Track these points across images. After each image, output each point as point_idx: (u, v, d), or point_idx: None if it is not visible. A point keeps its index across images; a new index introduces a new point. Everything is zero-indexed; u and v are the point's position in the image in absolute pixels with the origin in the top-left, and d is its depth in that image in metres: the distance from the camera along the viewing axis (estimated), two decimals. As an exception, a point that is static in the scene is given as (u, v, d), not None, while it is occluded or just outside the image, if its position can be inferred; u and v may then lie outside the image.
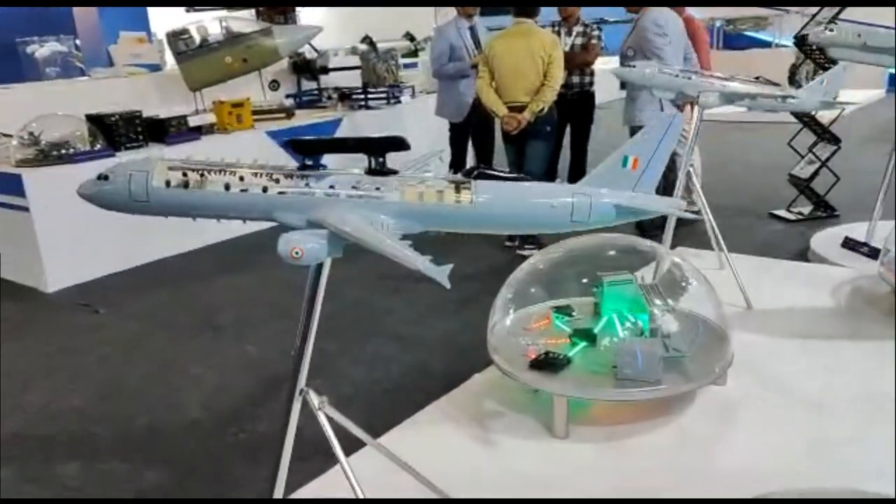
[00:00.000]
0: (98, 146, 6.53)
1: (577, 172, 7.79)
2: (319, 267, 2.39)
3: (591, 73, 7.31)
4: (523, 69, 5.78)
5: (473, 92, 6.89)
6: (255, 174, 2.30)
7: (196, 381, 4.36)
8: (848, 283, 4.71)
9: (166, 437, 3.79)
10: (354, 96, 8.92)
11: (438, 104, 7.40)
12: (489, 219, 2.38)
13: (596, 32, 7.14)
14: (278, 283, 5.89)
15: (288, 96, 9.31)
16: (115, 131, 6.71)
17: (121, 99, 7.46)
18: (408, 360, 4.55)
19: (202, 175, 2.29)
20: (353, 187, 2.31)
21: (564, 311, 3.75)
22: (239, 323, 5.21)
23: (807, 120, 6.94)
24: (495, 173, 2.39)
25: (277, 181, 2.29)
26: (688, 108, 6.16)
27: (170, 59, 9.16)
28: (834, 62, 6.55)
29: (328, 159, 2.37)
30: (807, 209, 7.13)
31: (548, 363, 3.27)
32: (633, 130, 6.12)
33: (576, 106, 7.18)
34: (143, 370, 4.54)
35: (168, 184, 2.28)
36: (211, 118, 7.54)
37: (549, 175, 7.05)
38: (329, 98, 8.76)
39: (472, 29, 7.13)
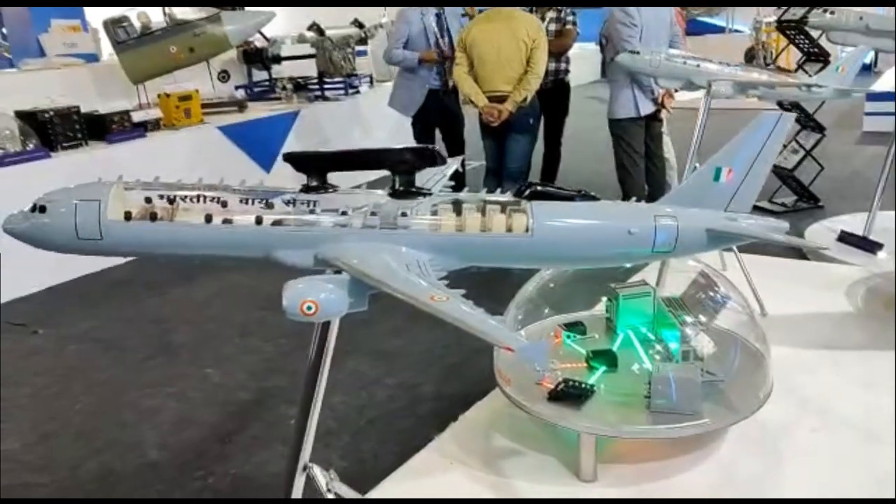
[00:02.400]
0: (31, 146, 5.87)
1: (550, 169, 7.40)
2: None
3: (567, 61, 6.90)
4: (506, 56, 5.31)
5: (427, 85, 6.43)
6: (244, 199, 1.78)
7: (151, 415, 3.82)
8: (861, 283, 4.40)
9: (120, 486, 3.25)
10: (310, 87, 8.37)
11: (391, 94, 6.84)
12: (551, 251, 1.89)
13: (571, 17, 6.73)
14: (237, 293, 5.36)
15: (238, 87, 8.70)
16: (49, 129, 6.06)
17: (55, 93, 6.77)
18: (393, 380, 4.08)
19: (173, 202, 1.78)
20: (373, 213, 1.81)
21: (575, 328, 3.32)
22: (196, 342, 4.67)
23: (789, 107, 6.65)
24: (554, 191, 1.91)
25: (272, 207, 1.79)
26: (667, 99, 5.80)
27: (106, 49, 8.46)
28: (818, 46, 6.30)
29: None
30: (790, 200, 6.88)
31: (568, 394, 2.83)
32: (610, 124, 5.78)
33: (550, 96, 6.76)
34: (89, 403, 3.96)
35: (128, 216, 1.76)
36: (156, 113, 6.91)
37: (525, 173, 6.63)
38: (283, 89, 8.18)
39: (438, 15, 6.58)
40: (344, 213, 1.80)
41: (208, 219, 1.77)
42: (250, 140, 7.23)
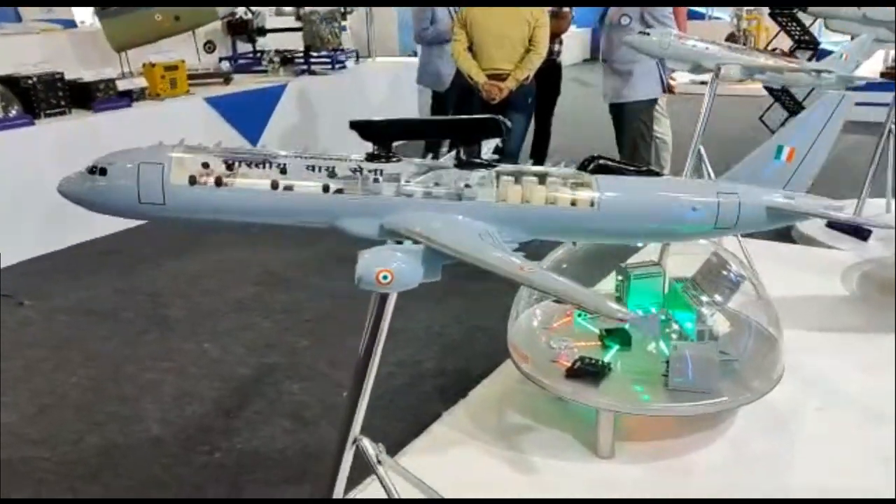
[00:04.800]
0: (13, 112, 5.72)
1: (540, 147, 7.40)
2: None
3: (560, 42, 6.90)
4: (508, 35, 5.27)
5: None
6: (310, 167, 1.76)
7: (151, 389, 3.76)
8: (855, 268, 4.48)
9: (124, 461, 3.20)
10: (297, 60, 8.25)
11: (419, 71, 6.84)
12: (615, 225, 1.91)
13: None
14: (231, 267, 5.29)
15: (222, 59, 8.53)
16: (32, 95, 5.88)
17: (33, 58, 6.57)
18: (395, 357, 4.05)
19: (231, 167, 1.74)
20: (437, 184, 1.79)
21: (586, 306, 3.33)
22: (191, 316, 4.60)
23: (778, 93, 6.73)
24: (619, 165, 1.91)
25: (337, 175, 1.76)
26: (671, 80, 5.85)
27: (80, 15, 8.26)
28: (809, 34, 6.37)
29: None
30: (776, 186, 6.98)
31: (586, 371, 2.85)
32: (618, 108, 5.80)
33: (542, 77, 6.74)
34: (86, 377, 3.89)
35: (193, 180, 1.72)
36: (141, 82, 6.75)
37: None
38: (270, 62, 8.05)
39: None
40: (409, 182, 1.78)
41: (274, 185, 1.74)
42: (237, 112, 7.11)
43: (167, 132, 6.41)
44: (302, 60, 8.28)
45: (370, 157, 1.81)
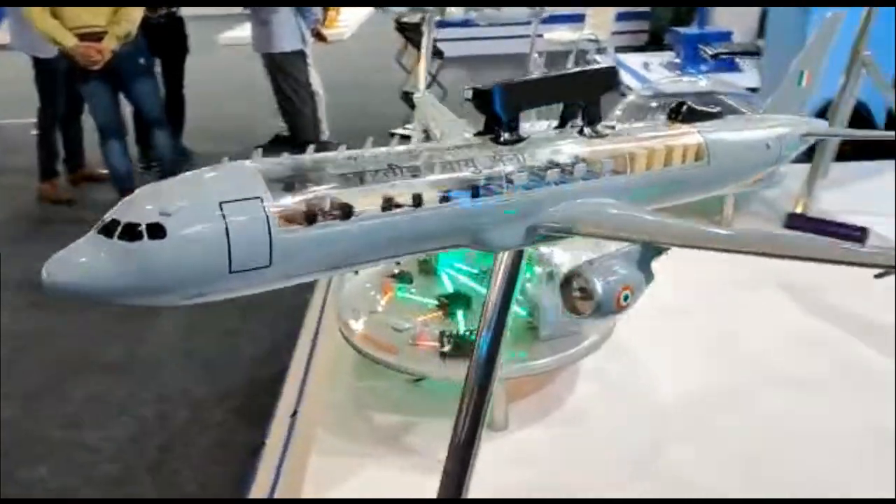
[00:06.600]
0: None
1: (174, 116, 6.58)
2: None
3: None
4: None
5: None
6: (446, 163, 1.24)
7: None
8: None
9: None
10: None
11: (11, 32, 5.32)
12: (721, 177, 1.74)
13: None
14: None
15: None
16: None
17: None
18: (150, 394, 3.30)
19: (305, 184, 1.11)
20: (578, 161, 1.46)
21: (402, 278, 3.02)
22: None
23: (409, 33, 6.88)
24: (704, 110, 1.74)
25: (478, 170, 1.29)
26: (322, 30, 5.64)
27: None
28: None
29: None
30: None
31: (460, 346, 2.57)
32: (269, 58, 5.55)
33: (163, 34, 5.93)
34: None
35: (312, 217, 1.06)
36: None
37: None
38: None
39: None
40: (557, 164, 1.40)
41: (417, 201, 1.17)
42: None
43: None
44: None
45: (494, 139, 1.36)
